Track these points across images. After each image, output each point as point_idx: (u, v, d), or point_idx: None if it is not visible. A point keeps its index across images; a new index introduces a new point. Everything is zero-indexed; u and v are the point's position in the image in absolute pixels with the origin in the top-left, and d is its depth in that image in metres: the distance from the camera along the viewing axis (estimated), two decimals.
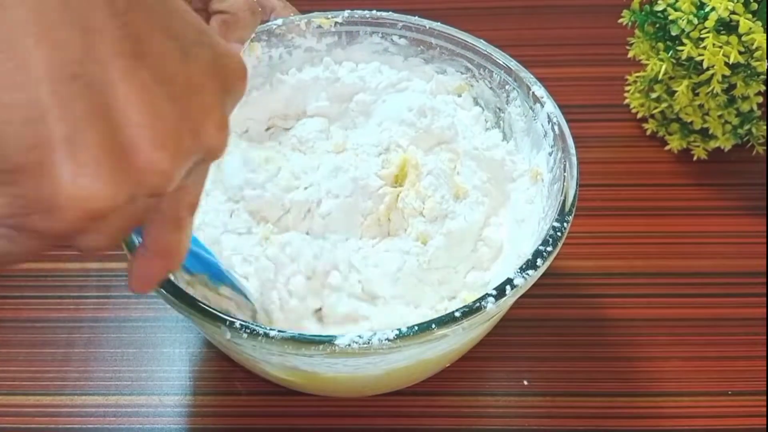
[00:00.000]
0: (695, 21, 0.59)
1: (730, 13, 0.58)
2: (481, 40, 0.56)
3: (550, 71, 0.60)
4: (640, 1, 0.64)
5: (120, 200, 0.29)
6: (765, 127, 0.65)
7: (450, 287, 0.51)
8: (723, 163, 0.66)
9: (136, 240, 0.45)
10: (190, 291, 0.44)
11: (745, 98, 0.63)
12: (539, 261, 0.44)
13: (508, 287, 0.43)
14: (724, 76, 0.60)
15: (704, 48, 0.59)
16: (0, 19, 0.28)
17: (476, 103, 0.57)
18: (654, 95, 0.66)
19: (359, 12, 0.57)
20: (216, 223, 0.51)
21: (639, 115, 0.68)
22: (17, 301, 0.58)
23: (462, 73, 0.57)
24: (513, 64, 0.55)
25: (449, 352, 0.48)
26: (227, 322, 0.42)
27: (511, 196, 0.54)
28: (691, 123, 0.65)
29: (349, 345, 0.41)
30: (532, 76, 0.54)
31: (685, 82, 0.62)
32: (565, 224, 0.46)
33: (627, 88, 0.69)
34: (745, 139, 0.66)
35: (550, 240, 0.45)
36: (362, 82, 0.57)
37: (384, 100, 0.57)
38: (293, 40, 0.58)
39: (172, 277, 0.45)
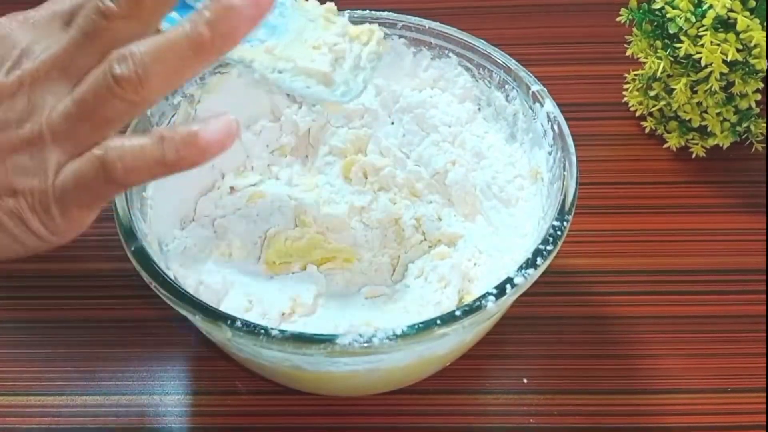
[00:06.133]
0: (693, 19, 0.59)
1: (728, 11, 0.58)
2: (481, 40, 0.57)
3: (549, 70, 0.60)
4: None
5: None
6: (763, 125, 0.65)
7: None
8: (721, 161, 0.66)
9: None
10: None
11: (743, 96, 0.63)
12: (539, 260, 0.45)
13: (508, 286, 0.44)
14: (722, 74, 0.60)
15: (702, 46, 0.59)
16: None
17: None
18: (652, 93, 0.66)
19: (359, 12, 0.57)
20: None
21: (637, 113, 0.68)
22: (18, 302, 0.59)
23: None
24: (512, 63, 0.55)
25: (450, 350, 0.48)
26: (228, 321, 0.42)
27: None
28: (690, 121, 0.65)
29: (350, 344, 0.41)
30: (531, 76, 0.54)
31: (684, 80, 0.62)
32: (564, 223, 0.46)
33: (625, 86, 0.69)
34: (743, 136, 0.66)
35: (550, 239, 0.46)
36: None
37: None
38: None
39: (173, 278, 0.45)
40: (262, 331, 0.42)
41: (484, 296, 0.43)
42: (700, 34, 0.59)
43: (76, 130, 0.39)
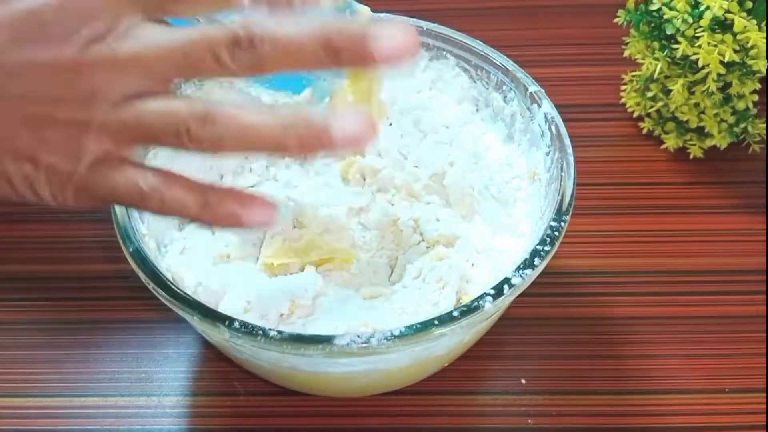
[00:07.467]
0: (690, 20, 0.59)
1: (725, 12, 0.58)
2: (479, 41, 0.57)
3: (547, 71, 0.60)
4: (635, 0, 0.65)
5: None
6: (761, 125, 0.65)
7: None
8: (719, 162, 0.66)
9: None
10: None
11: (740, 96, 0.63)
12: (537, 260, 0.45)
13: (505, 287, 0.44)
14: (719, 75, 0.60)
15: (699, 47, 0.59)
16: None
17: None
18: (650, 94, 0.66)
19: None
20: None
21: (635, 114, 0.69)
22: (17, 304, 0.59)
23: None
24: (510, 64, 0.55)
25: (448, 351, 0.48)
26: (226, 322, 0.42)
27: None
28: (687, 122, 0.65)
29: (348, 345, 0.41)
30: (529, 77, 0.54)
31: (681, 81, 0.62)
32: (562, 224, 0.47)
33: (623, 87, 0.69)
34: (741, 137, 0.66)
35: (548, 239, 0.46)
36: None
37: None
38: None
39: (171, 279, 0.45)
40: (260, 332, 0.42)
41: (481, 297, 0.43)
42: (697, 35, 0.59)
43: (125, 140, 0.38)
